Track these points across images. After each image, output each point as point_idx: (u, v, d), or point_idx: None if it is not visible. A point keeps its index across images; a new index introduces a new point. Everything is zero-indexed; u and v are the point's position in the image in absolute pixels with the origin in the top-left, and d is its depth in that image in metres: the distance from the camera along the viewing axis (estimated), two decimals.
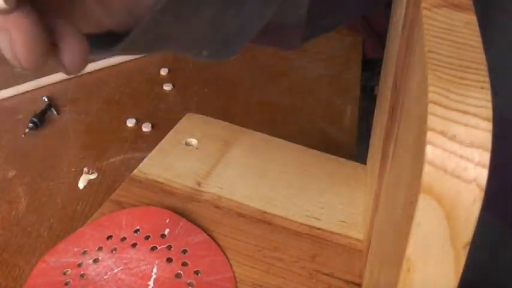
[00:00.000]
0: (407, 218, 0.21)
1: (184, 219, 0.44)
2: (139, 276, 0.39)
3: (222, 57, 0.38)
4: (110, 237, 0.42)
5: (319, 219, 0.45)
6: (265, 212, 0.46)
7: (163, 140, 0.53)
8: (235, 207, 0.46)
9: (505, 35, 0.37)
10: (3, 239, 0.47)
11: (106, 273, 0.39)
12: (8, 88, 0.64)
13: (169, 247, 0.41)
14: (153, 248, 0.41)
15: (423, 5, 0.24)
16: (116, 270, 0.39)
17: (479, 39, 0.22)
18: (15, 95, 0.64)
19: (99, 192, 0.53)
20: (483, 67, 0.21)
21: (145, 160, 0.50)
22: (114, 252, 0.40)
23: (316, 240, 0.44)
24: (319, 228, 0.45)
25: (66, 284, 0.39)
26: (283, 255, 0.42)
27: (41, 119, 0.60)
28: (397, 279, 0.22)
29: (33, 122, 0.59)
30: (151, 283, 0.38)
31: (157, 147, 0.52)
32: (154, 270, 0.39)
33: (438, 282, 0.21)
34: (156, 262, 0.40)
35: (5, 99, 0.64)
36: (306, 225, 0.45)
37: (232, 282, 0.40)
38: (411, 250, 0.21)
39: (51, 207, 0.50)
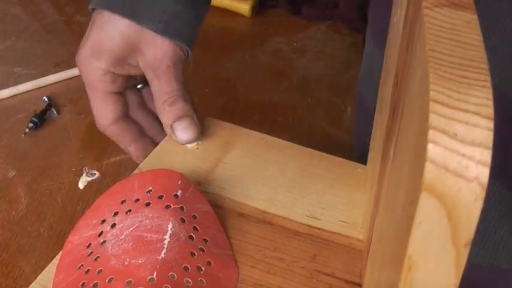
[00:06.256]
0: (408, 217, 0.21)
1: (193, 186, 0.44)
2: (155, 230, 0.38)
3: None
4: (124, 201, 0.41)
5: (319, 219, 0.45)
6: (265, 212, 0.46)
7: (163, 140, 0.53)
8: (236, 207, 0.46)
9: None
10: (3, 239, 0.47)
11: (122, 233, 0.38)
12: (8, 88, 0.64)
13: (182, 208, 0.41)
14: (167, 207, 0.40)
15: (424, 4, 0.24)
16: (131, 229, 0.38)
17: (481, 38, 0.22)
18: (15, 95, 0.64)
19: (99, 192, 0.53)
20: (484, 66, 0.21)
21: (145, 160, 0.50)
22: (129, 213, 0.40)
23: (317, 240, 0.44)
24: (319, 228, 0.45)
25: (88, 255, 0.38)
26: (284, 255, 0.42)
27: (41, 119, 0.59)
28: (398, 278, 0.22)
29: (33, 122, 0.59)
30: (167, 237, 0.38)
31: (157, 147, 0.52)
32: (170, 225, 0.38)
33: (439, 280, 0.21)
34: (171, 219, 0.39)
35: (5, 99, 0.64)
36: (306, 225, 0.45)
37: (234, 260, 0.40)
38: (412, 249, 0.21)
39: (51, 207, 0.50)
